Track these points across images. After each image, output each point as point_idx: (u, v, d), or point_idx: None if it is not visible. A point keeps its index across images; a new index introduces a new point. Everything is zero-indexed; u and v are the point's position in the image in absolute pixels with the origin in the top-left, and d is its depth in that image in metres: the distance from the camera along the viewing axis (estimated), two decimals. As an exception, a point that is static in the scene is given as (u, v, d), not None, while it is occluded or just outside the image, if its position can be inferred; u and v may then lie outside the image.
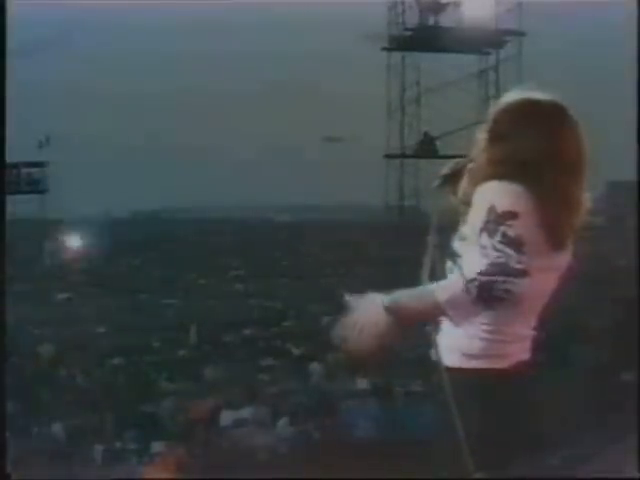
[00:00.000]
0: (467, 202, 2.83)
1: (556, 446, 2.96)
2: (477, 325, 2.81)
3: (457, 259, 2.78)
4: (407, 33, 29.36)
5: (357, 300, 2.84)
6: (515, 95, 2.89)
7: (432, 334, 2.85)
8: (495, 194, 2.74)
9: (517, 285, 2.72)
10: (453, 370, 2.81)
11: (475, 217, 2.74)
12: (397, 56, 29.71)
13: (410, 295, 2.80)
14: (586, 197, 2.84)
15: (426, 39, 28.85)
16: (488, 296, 2.71)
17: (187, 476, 12.09)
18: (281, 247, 29.45)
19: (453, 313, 2.76)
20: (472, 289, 2.70)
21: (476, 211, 2.75)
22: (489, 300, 2.73)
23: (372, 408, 15.39)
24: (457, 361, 2.82)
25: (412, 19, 29.33)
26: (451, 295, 2.73)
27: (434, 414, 2.98)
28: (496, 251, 2.69)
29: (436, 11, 29.13)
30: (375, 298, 2.82)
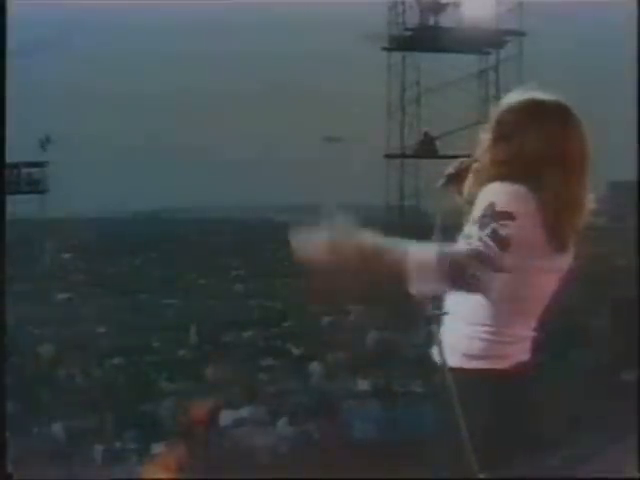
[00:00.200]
0: (471, 202, 2.82)
1: (556, 446, 2.96)
2: (478, 326, 2.81)
3: None
4: (407, 33, 29.31)
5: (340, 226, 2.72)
6: (518, 95, 2.88)
7: (436, 334, 2.83)
8: (497, 193, 2.73)
9: (490, 277, 2.67)
10: (453, 370, 2.80)
11: (475, 214, 2.74)
12: (397, 56, 29.64)
13: (393, 242, 2.70)
14: (589, 198, 2.83)
15: (426, 39, 28.81)
16: (457, 277, 2.63)
17: (187, 476, 12.09)
18: (281, 247, 29.40)
19: (417, 280, 2.65)
20: (444, 264, 2.62)
21: (476, 209, 2.75)
22: (457, 281, 2.65)
23: (372, 408, 15.40)
24: (457, 361, 2.82)
25: (412, 19, 29.27)
26: (422, 261, 2.64)
27: (434, 414, 2.98)
28: (479, 241, 2.65)
29: (436, 11, 29.08)
30: (358, 230, 2.71)
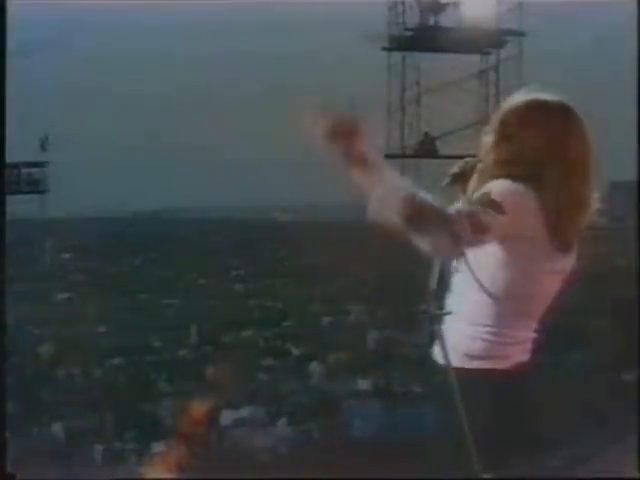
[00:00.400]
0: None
1: (556, 446, 2.96)
2: (480, 326, 2.82)
3: (464, 257, 2.77)
4: (407, 33, 29.27)
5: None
6: (522, 96, 2.88)
7: (440, 334, 2.81)
8: (496, 186, 2.72)
9: (441, 243, 2.58)
10: (455, 370, 2.80)
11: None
12: (397, 56, 29.60)
13: (402, 179, 2.65)
14: (594, 198, 2.82)
15: (426, 39, 28.78)
16: (413, 221, 2.57)
17: (187, 476, 12.08)
18: (281, 247, 29.42)
19: (375, 200, 2.64)
20: (409, 203, 2.56)
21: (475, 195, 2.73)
22: (411, 224, 2.59)
23: (372, 408, 15.40)
24: (459, 361, 2.82)
25: (412, 19, 29.22)
26: (392, 187, 2.61)
27: (435, 414, 2.98)
28: (455, 211, 2.59)
29: (436, 11, 29.05)
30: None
